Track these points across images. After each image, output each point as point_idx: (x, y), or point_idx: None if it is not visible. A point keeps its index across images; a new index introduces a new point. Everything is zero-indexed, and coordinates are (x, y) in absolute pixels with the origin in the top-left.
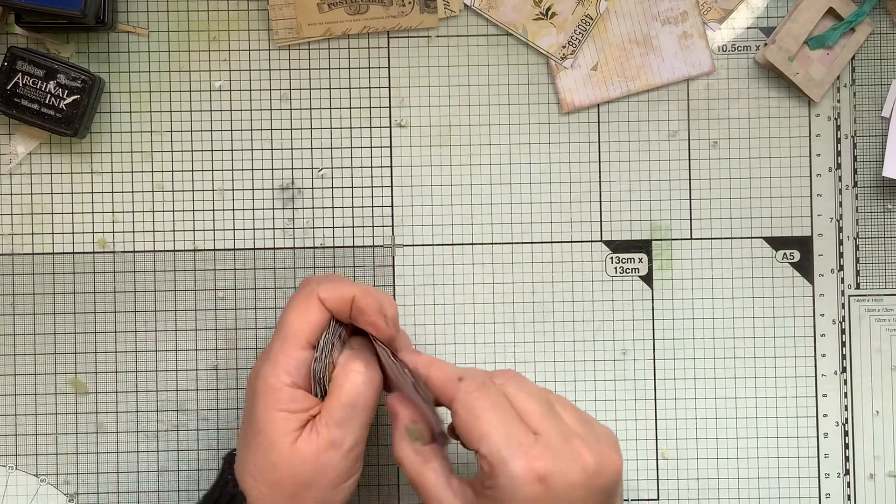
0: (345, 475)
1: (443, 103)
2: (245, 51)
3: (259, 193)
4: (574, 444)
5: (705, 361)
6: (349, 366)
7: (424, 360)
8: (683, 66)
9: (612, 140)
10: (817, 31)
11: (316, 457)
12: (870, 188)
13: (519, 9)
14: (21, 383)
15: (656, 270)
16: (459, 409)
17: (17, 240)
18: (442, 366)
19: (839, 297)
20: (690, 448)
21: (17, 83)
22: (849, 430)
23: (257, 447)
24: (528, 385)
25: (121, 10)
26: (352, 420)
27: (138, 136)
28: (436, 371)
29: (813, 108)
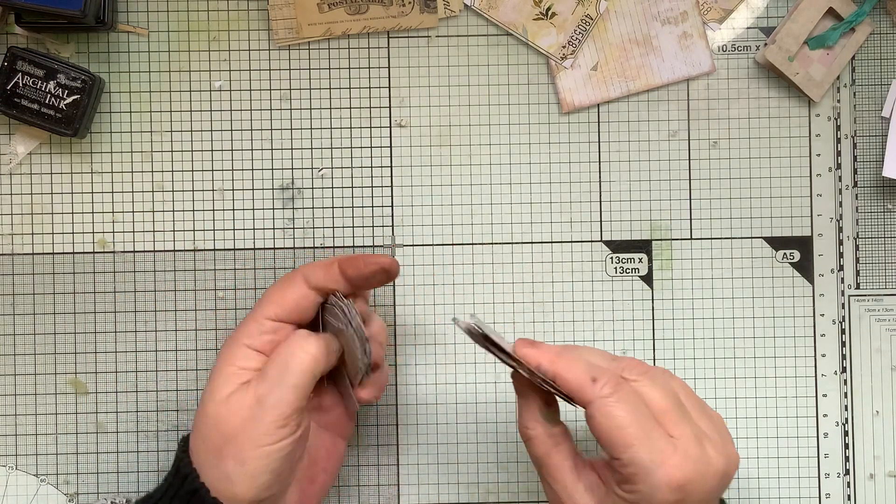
0: (267, 437)
1: (443, 103)
2: (245, 51)
3: (259, 193)
4: (707, 448)
5: (705, 361)
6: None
7: (547, 355)
8: (683, 66)
9: (612, 140)
10: (817, 31)
11: (240, 411)
12: (870, 188)
13: (519, 9)
14: (21, 383)
15: (656, 270)
16: (598, 416)
17: (17, 240)
18: (569, 363)
19: (839, 297)
20: None
21: (17, 83)
22: (849, 430)
23: (201, 401)
24: (656, 376)
25: (121, 10)
26: (282, 380)
27: (138, 136)
28: (564, 370)
29: (813, 108)
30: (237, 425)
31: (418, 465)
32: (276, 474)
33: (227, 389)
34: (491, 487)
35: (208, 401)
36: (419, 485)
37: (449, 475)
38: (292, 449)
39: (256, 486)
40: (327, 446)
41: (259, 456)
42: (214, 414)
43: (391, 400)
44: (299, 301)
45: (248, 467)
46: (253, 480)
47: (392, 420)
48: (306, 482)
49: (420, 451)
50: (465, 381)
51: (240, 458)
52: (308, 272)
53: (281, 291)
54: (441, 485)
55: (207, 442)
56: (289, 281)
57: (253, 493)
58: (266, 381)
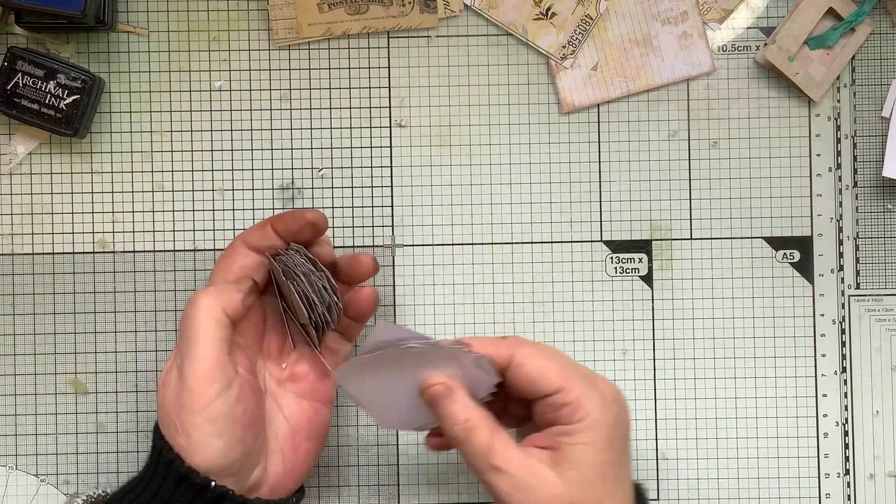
0: (198, 401)
1: (443, 103)
2: (245, 51)
3: (259, 193)
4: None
5: (705, 361)
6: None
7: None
8: (683, 66)
9: (612, 140)
10: (817, 31)
11: (171, 386)
12: (870, 188)
13: (519, 9)
14: (21, 383)
15: (656, 270)
16: (525, 360)
17: (17, 240)
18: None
19: (839, 297)
20: (690, 448)
21: (17, 83)
22: (849, 430)
23: None
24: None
25: (121, 10)
26: (189, 342)
27: (138, 136)
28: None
29: (813, 108)
30: (172, 400)
31: (418, 465)
32: (228, 437)
33: (166, 367)
34: None
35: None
36: (419, 485)
37: (449, 475)
38: (230, 406)
39: (211, 453)
40: (309, 415)
41: (198, 423)
42: (159, 396)
43: None
44: (244, 265)
45: (194, 436)
46: (204, 447)
47: None
48: (289, 451)
49: (420, 451)
50: None
51: (184, 431)
52: (245, 236)
53: (225, 261)
54: (441, 485)
55: (163, 424)
56: (230, 249)
57: (211, 460)
58: (179, 351)
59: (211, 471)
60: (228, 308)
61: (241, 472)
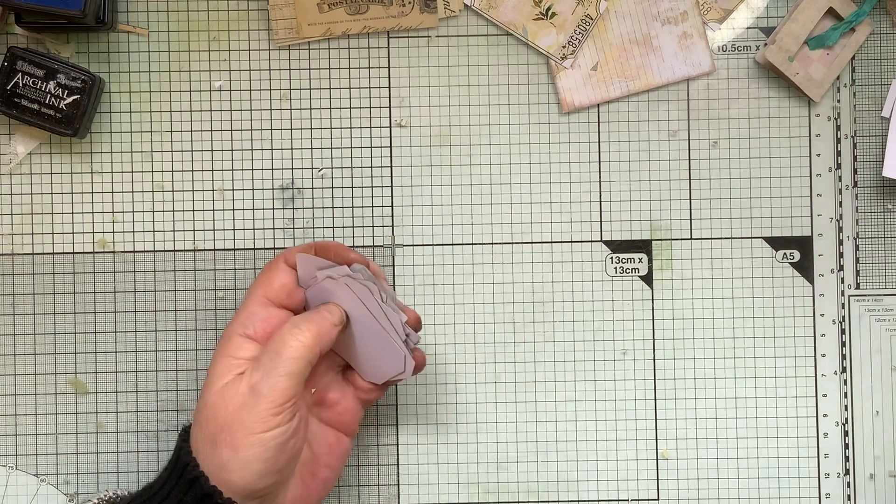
0: (261, 424)
1: (443, 103)
2: (245, 51)
3: (259, 193)
4: None
5: (705, 361)
6: (291, 319)
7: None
8: (683, 66)
9: (612, 140)
10: (817, 31)
11: (234, 399)
12: (870, 188)
13: (519, 9)
14: (21, 383)
15: (656, 270)
16: None
17: (17, 240)
18: None
19: (839, 297)
20: (690, 448)
21: (17, 83)
22: (849, 430)
23: (201, 392)
24: None
25: (121, 10)
26: (274, 368)
27: (138, 136)
28: None
29: (813, 108)
30: (231, 413)
31: (418, 465)
32: (271, 463)
33: (223, 380)
34: (491, 487)
35: (206, 391)
36: (419, 485)
37: (449, 475)
38: (286, 438)
39: (250, 474)
40: (331, 442)
41: (252, 444)
42: (210, 403)
43: (391, 400)
44: (285, 283)
45: (242, 455)
46: (246, 468)
47: (392, 420)
48: (308, 476)
49: (420, 451)
50: (465, 381)
51: (233, 446)
52: (288, 255)
53: (266, 277)
54: (441, 485)
55: (204, 431)
56: (272, 266)
57: (247, 482)
58: (259, 369)
59: (243, 491)
60: (325, 347)
61: (266, 497)
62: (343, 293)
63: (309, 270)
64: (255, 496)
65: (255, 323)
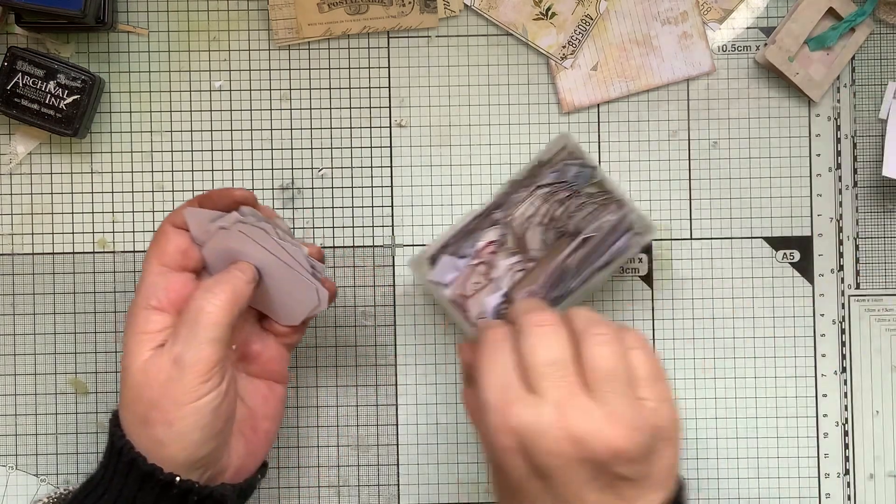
0: (190, 394)
1: (443, 103)
2: (245, 51)
3: (259, 193)
4: (567, 413)
5: (705, 361)
6: (203, 283)
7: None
8: (683, 66)
9: (612, 140)
10: (817, 31)
11: (158, 375)
12: (870, 188)
13: (519, 9)
14: (21, 383)
15: (656, 270)
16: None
17: (17, 240)
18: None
19: (839, 297)
20: (690, 448)
21: (17, 83)
22: (849, 430)
23: (121, 379)
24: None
25: (121, 10)
26: (195, 337)
27: (138, 136)
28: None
29: (813, 108)
30: (158, 389)
31: (418, 465)
32: (209, 430)
33: (141, 357)
34: (491, 487)
35: (125, 373)
36: (419, 485)
37: (449, 475)
38: (219, 402)
39: (190, 444)
40: (264, 393)
41: (185, 414)
42: (135, 384)
43: (391, 400)
44: (178, 245)
45: (177, 427)
46: (184, 439)
47: (392, 420)
48: (249, 432)
49: (420, 451)
50: None
51: (167, 421)
52: (172, 218)
53: (157, 245)
54: (441, 485)
55: (133, 412)
56: (160, 232)
57: (188, 452)
58: (179, 340)
59: (186, 463)
60: (242, 306)
61: (210, 463)
62: (240, 241)
63: (201, 225)
64: (198, 465)
65: (157, 293)
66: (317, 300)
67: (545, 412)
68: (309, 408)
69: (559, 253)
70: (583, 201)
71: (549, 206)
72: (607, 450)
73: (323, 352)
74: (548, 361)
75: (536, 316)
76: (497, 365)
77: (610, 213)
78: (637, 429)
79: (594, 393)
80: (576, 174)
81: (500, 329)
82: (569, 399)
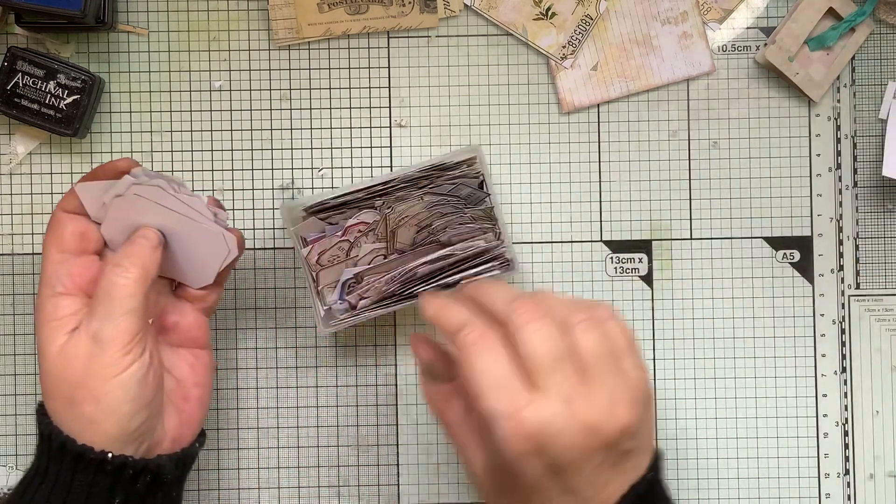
0: (114, 367)
1: (443, 103)
2: (245, 51)
3: (259, 193)
4: (576, 405)
5: (705, 361)
6: (109, 259)
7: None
8: (683, 66)
9: (612, 140)
10: (817, 31)
11: (78, 355)
12: (870, 188)
13: (519, 9)
14: (21, 383)
15: (656, 270)
16: (461, 364)
17: (17, 240)
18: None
19: (839, 297)
20: (690, 448)
21: (17, 83)
22: (849, 430)
23: (40, 368)
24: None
25: (121, 10)
26: (111, 312)
27: (138, 136)
28: (442, 321)
29: (813, 108)
30: (79, 369)
31: (418, 465)
32: (138, 401)
33: (56, 343)
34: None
35: (43, 361)
36: (419, 485)
37: (449, 475)
38: (144, 372)
39: (121, 417)
40: (190, 362)
41: (112, 388)
42: (54, 369)
43: (391, 400)
44: (75, 229)
45: (105, 402)
46: (115, 413)
47: (392, 420)
48: (181, 401)
49: (420, 451)
50: None
51: (94, 398)
52: (63, 204)
53: (53, 234)
54: (441, 485)
55: (57, 397)
56: (53, 221)
57: (120, 426)
58: (95, 318)
59: (119, 436)
60: (153, 273)
61: (144, 435)
62: (138, 206)
63: (96, 200)
64: (132, 438)
65: (62, 279)
66: (226, 248)
67: (558, 409)
68: (309, 408)
69: (418, 257)
70: (464, 220)
71: (430, 216)
72: (617, 430)
73: (323, 352)
74: (550, 357)
75: (526, 311)
76: (493, 369)
77: (482, 241)
78: (634, 402)
79: (593, 378)
80: (468, 194)
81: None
82: (574, 390)
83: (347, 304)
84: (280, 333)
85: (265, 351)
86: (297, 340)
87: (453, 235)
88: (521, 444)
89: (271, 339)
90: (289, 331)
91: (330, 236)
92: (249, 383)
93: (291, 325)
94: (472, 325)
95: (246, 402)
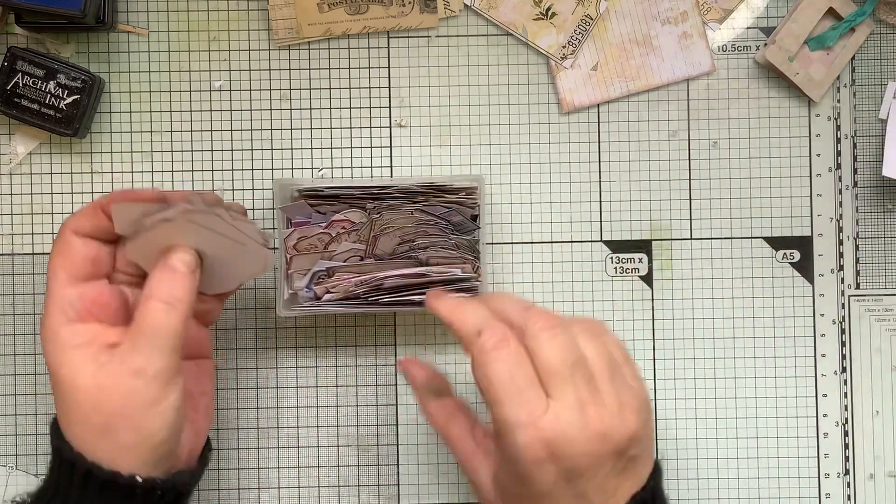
0: (157, 400)
1: (443, 103)
2: (245, 51)
3: (259, 193)
4: (589, 412)
5: (705, 361)
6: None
7: (447, 305)
8: (683, 66)
9: (612, 140)
10: (817, 31)
11: (117, 388)
12: (870, 188)
13: (519, 9)
14: (21, 383)
15: (656, 270)
16: (474, 369)
17: (17, 240)
18: (463, 313)
19: (839, 297)
20: (690, 448)
21: (17, 83)
22: (849, 430)
23: (61, 396)
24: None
25: (121, 10)
26: (156, 348)
27: (138, 136)
28: (457, 321)
29: (813, 108)
30: (120, 402)
31: (418, 465)
32: (174, 427)
33: (86, 372)
34: None
35: (69, 389)
36: (419, 485)
37: (449, 475)
38: (181, 401)
39: (157, 443)
40: (195, 372)
41: (152, 417)
42: (88, 399)
43: (391, 400)
44: (86, 256)
45: (144, 430)
46: (151, 439)
47: (392, 420)
48: (192, 412)
49: (420, 451)
50: (465, 381)
51: (132, 427)
52: (73, 225)
53: (63, 257)
54: (441, 485)
55: (88, 425)
56: (62, 243)
57: (155, 451)
58: (138, 352)
59: (153, 461)
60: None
61: (171, 455)
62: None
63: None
64: (162, 460)
65: (73, 305)
66: (262, 267)
67: (573, 417)
68: (309, 408)
69: (393, 268)
70: (447, 246)
71: (415, 231)
72: (626, 436)
73: (323, 352)
74: (567, 365)
75: (542, 319)
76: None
77: (459, 269)
78: (639, 409)
79: (600, 386)
80: (459, 222)
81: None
82: (587, 398)
83: (314, 293)
84: (280, 333)
85: (265, 351)
86: (298, 340)
87: (432, 257)
88: (538, 452)
89: (271, 339)
90: (289, 331)
91: (313, 224)
92: (249, 383)
93: (292, 325)
94: (492, 328)
95: (246, 402)
